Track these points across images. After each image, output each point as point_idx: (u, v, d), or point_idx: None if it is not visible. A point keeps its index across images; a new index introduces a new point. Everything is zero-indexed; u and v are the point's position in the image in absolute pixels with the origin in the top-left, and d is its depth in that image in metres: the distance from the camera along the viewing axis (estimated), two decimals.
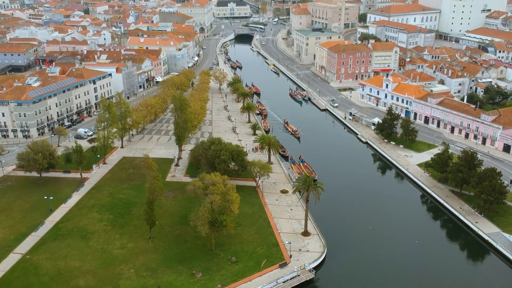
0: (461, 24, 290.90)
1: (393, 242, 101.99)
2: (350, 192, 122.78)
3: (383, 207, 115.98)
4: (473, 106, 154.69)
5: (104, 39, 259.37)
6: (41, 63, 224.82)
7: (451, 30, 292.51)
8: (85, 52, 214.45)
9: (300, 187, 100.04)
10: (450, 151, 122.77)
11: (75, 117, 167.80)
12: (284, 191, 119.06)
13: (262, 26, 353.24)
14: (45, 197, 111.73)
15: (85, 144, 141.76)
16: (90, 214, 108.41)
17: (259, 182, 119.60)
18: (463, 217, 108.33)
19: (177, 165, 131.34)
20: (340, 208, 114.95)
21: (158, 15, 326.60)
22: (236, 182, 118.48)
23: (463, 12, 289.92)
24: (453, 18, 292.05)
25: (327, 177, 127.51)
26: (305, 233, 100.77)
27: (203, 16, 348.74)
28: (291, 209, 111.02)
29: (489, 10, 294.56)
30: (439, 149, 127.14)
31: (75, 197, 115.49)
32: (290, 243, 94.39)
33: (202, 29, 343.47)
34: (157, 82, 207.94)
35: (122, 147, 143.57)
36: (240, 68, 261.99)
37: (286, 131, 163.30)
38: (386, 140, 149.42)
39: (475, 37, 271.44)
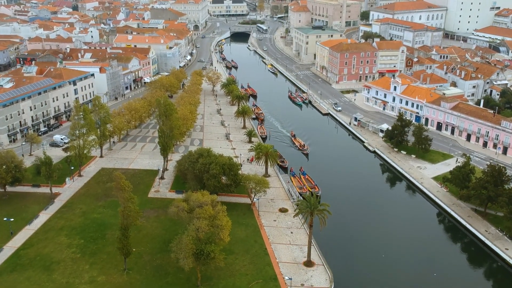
0: (468, 22, 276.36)
1: (410, 275, 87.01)
2: (358, 211, 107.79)
3: (396, 229, 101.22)
4: (492, 111, 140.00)
5: (92, 36, 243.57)
6: (22, 61, 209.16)
7: (458, 28, 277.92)
8: (68, 50, 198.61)
9: (303, 211, 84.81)
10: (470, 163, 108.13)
11: (52, 121, 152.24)
12: (283, 210, 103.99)
13: (266, 28, 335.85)
14: (5, 219, 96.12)
15: (60, 153, 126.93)
16: (58, 238, 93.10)
17: (255, 199, 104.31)
18: (490, 242, 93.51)
19: (162, 178, 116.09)
20: (347, 230, 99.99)
21: (150, 12, 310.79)
22: (228, 199, 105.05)
23: (471, 9, 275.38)
24: (460, 16, 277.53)
25: (332, 192, 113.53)
26: (308, 263, 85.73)
27: (198, 13, 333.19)
28: (292, 232, 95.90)
29: (498, 8, 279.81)
30: (458, 162, 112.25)
31: (43, 217, 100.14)
32: (291, 279, 79.15)
33: (196, 27, 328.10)
34: (145, 83, 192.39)
35: (101, 156, 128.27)
36: (236, 68, 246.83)
37: (293, 146, 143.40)
38: (396, 149, 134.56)
39: (484, 36, 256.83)
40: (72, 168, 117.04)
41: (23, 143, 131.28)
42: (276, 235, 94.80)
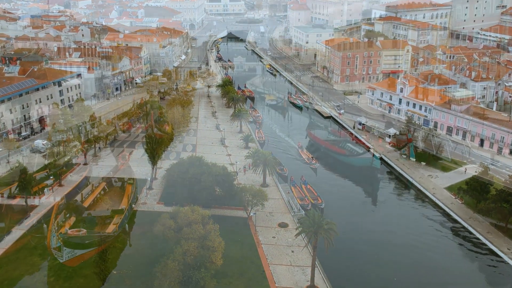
0: (474, 21, 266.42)
1: None
2: (364, 224, 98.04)
3: (408, 246, 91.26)
4: (506, 115, 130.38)
5: (82, 35, 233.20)
6: (7, 61, 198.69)
7: (463, 27, 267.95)
8: (55, 49, 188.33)
9: (305, 230, 74.81)
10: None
11: (35, 125, 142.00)
12: (283, 225, 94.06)
13: (263, 30, 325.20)
14: None
15: (41, 160, 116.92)
16: (30, 258, 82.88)
17: (251, 213, 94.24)
18: None
19: (150, 188, 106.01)
20: (353, 248, 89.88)
21: (143, 10, 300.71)
22: (222, 212, 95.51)
23: (476, 8, 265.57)
24: (465, 15, 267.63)
25: (335, 204, 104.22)
26: None
27: (193, 11, 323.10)
28: (292, 251, 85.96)
29: (505, 6, 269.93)
30: (476, 171, 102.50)
31: (15, 234, 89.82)
32: None
33: (192, 26, 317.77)
34: (136, 83, 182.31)
35: (85, 163, 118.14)
36: (233, 68, 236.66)
37: (300, 158, 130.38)
38: (404, 156, 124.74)
39: (490, 36, 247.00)
40: (51, 178, 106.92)
41: (0, 149, 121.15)
42: (275, 254, 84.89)
